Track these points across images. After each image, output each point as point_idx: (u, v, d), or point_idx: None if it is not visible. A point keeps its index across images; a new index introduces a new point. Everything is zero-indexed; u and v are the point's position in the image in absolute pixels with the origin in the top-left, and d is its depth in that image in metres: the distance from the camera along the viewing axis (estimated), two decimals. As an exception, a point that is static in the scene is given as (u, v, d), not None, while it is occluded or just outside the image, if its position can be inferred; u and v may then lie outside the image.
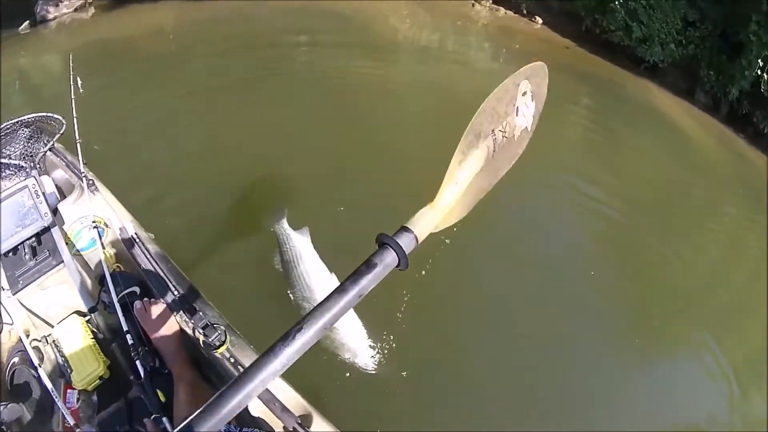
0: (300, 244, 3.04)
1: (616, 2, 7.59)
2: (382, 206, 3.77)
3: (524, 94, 1.13)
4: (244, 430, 1.28)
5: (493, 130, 1.04)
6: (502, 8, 8.18)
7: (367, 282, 0.79)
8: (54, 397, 1.63)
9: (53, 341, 1.90)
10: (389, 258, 0.81)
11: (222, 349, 1.76)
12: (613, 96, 7.05)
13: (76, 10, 7.30)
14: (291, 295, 2.92)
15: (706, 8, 7.44)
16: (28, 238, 1.95)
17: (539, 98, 1.20)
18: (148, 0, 7.42)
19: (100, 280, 2.13)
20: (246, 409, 1.61)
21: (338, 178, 4.22)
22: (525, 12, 8.16)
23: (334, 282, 2.89)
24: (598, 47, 7.89)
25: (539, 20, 8.18)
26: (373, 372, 2.77)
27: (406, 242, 0.83)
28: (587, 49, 7.88)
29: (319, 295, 2.81)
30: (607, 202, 4.74)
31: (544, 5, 8.17)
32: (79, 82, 2.30)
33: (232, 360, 1.75)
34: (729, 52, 7.23)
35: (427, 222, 0.89)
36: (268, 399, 1.60)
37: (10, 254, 1.94)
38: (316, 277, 2.92)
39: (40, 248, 2.01)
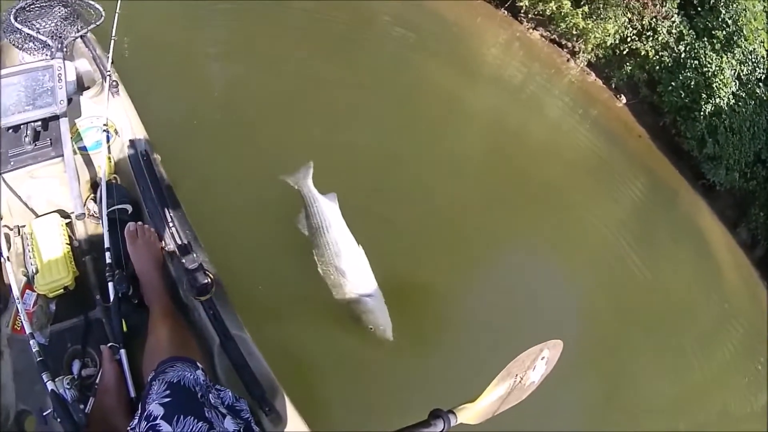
0: (328, 211, 2.83)
1: (701, 113, 7.10)
2: (400, 201, 3.73)
3: (542, 358, 1.49)
4: (217, 386, 1.27)
5: (516, 374, 1.41)
6: (594, 74, 7.69)
7: None
8: (15, 296, 1.43)
9: (28, 234, 1.69)
10: (439, 426, 1.21)
11: (205, 297, 1.58)
12: (663, 198, 6.66)
13: None
14: (317, 260, 2.77)
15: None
16: (35, 121, 1.71)
17: (550, 364, 1.55)
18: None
19: (93, 186, 1.95)
20: (215, 370, 1.50)
21: (373, 161, 3.92)
22: (613, 87, 7.66)
23: (361, 255, 2.77)
24: (668, 147, 7.43)
25: (623, 99, 7.69)
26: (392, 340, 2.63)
27: (452, 420, 1.25)
28: (657, 145, 7.42)
29: (347, 266, 2.70)
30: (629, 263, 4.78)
31: (634, 88, 7.67)
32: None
33: (211, 312, 1.56)
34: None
35: (465, 414, 1.30)
36: (241, 365, 1.45)
37: (11, 131, 1.70)
38: (345, 248, 2.76)
39: (43, 134, 1.77)
